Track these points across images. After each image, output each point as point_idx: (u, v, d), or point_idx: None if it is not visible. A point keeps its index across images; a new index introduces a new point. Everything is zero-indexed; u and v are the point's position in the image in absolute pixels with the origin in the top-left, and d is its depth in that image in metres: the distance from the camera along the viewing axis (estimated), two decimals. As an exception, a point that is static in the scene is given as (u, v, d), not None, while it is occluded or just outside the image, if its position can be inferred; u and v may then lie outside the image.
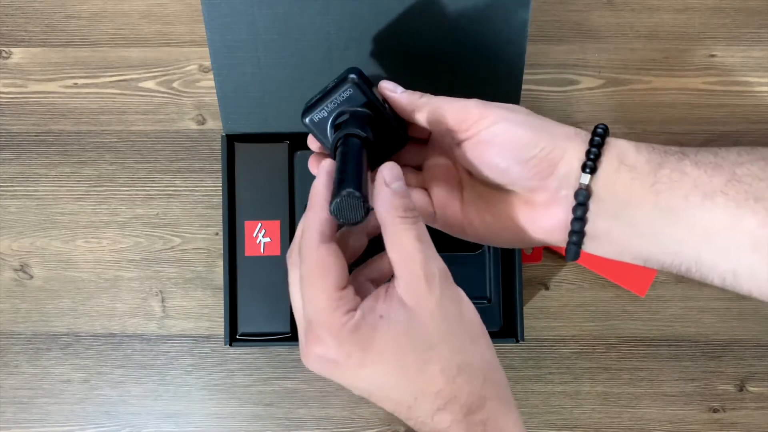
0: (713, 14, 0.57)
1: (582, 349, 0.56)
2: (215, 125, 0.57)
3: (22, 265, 0.57)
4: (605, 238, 0.35)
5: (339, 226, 0.33)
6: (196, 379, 0.57)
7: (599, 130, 0.34)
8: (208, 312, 0.57)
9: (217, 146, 0.57)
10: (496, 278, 0.51)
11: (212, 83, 0.57)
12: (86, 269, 0.57)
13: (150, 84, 0.57)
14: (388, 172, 0.32)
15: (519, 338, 0.49)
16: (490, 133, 0.34)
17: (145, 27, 0.58)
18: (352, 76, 0.35)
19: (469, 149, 0.35)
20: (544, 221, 0.36)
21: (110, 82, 0.58)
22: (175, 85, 0.57)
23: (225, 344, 0.49)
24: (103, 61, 0.58)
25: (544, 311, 0.56)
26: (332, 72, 0.47)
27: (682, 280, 0.56)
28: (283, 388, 0.57)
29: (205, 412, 0.57)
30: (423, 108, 0.36)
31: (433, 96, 0.37)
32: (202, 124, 0.57)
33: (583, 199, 0.34)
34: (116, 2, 0.58)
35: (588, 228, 0.34)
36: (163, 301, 0.57)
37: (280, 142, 0.50)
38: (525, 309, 0.53)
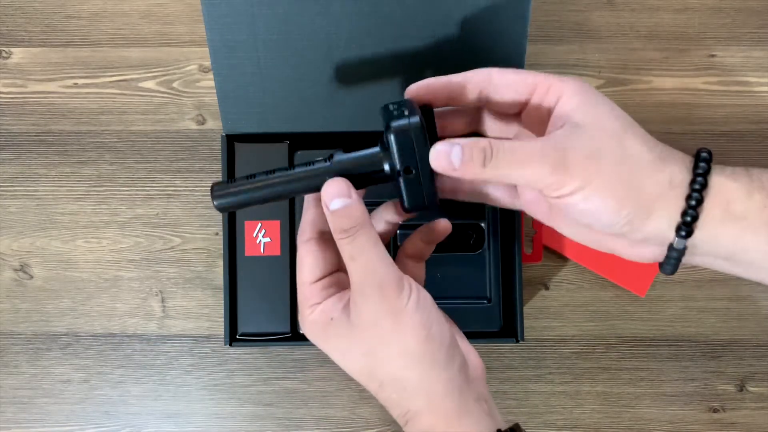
0: (713, 14, 0.57)
1: (582, 349, 0.56)
2: (215, 125, 0.57)
3: (22, 265, 0.57)
4: (707, 266, 0.34)
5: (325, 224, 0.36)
6: (196, 379, 0.57)
7: (699, 180, 0.30)
8: (208, 312, 0.57)
9: (217, 146, 0.57)
10: (497, 278, 0.51)
11: (212, 83, 0.57)
12: (86, 269, 0.57)
13: (150, 84, 0.57)
14: (326, 192, 0.33)
15: (519, 338, 0.49)
16: (567, 203, 0.32)
17: (145, 27, 0.58)
18: (387, 136, 0.33)
19: (549, 206, 0.35)
20: (633, 253, 0.34)
21: (110, 82, 0.58)
22: (175, 85, 0.57)
23: (225, 344, 0.49)
24: (103, 61, 0.58)
25: (544, 311, 0.56)
26: (332, 72, 0.47)
27: (682, 280, 0.56)
28: (283, 388, 0.57)
29: (205, 412, 0.57)
30: (490, 181, 0.34)
31: (500, 157, 0.31)
32: (202, 124, 0.57)
33: (677, 255, 0.32)
34: (116, 2, 0.58)
35: (686, 260, 0.33)
36: (163, 301, 0.57)
37: (280, 142, 0.50)
38: (525, 309, 0.53)
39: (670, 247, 0.32)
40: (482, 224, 0.50)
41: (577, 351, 0.56)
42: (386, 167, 0.34)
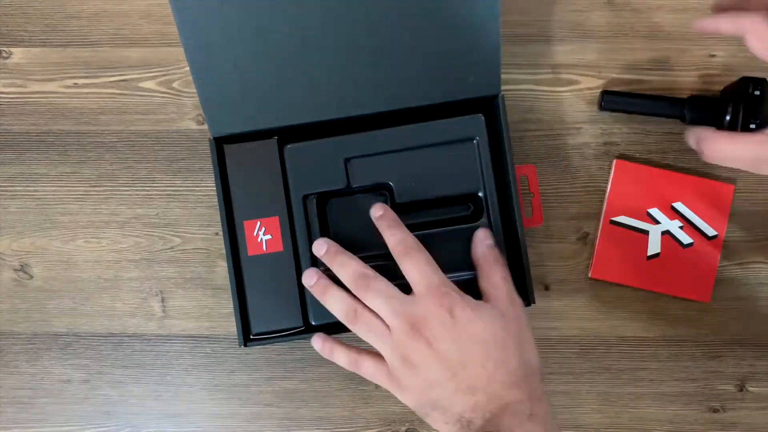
0: (713, 14, 0.57)
1: (582, 349, 0.56)
2: (215, 125, 0.57)
3: (22, 265, 0.57)
4: None
5: None
6: (196, 379, 0.57)
7: None
8: (208, 312, 0.57)
9: (217, 146, 0.57)
10: (501, 246, 0.50)
11: (212, 83, 0.57)
12: (86, 269, 0.57)
13: (150, 84, 0.57)
14: (483, 233, 0.49)
15: (530, 301, 0.49)
16: None
17: (145, 27, 0.58)
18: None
19: None
20: None
21: (110, 82, 0.58)
22: (175, 85, 0.57)
23: (240, 345, 0.49)
24: (103, 61, 0.58)
25: (545, 311, 0.56)
26: (311, 61, 0.47)
27: (682, 280, 0.56)
28: (283, 388, 0.57)
29: (205, 412, 0.57)
30: None
31: None
32: (202, 124, 0.57)
33: None
34: (116, 2, 0.58)
35: None
36: (163, 301, 0.57)
37: (269, 138, 0.50)
38: (524, 309, 0.53)
39: None
40: (479, 194, 0.50)
41: (577, 351, 0.56)
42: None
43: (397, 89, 0.48)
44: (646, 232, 0.55)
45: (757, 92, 0.50)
